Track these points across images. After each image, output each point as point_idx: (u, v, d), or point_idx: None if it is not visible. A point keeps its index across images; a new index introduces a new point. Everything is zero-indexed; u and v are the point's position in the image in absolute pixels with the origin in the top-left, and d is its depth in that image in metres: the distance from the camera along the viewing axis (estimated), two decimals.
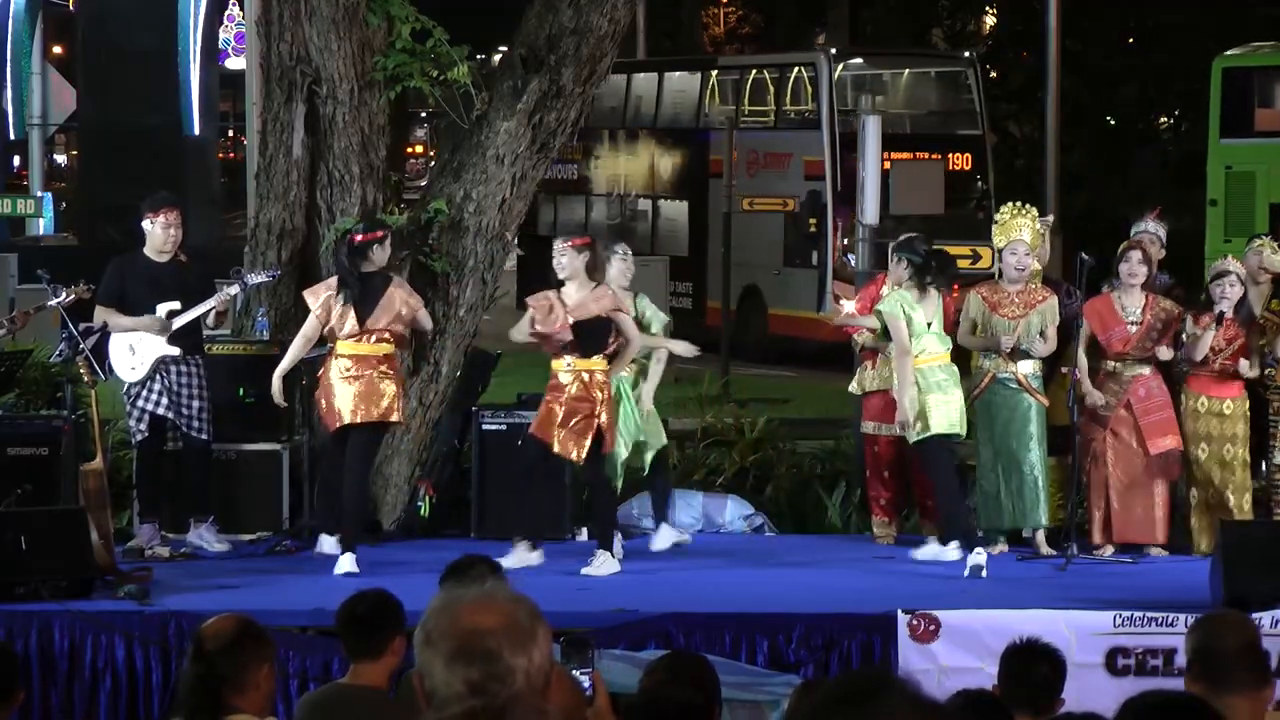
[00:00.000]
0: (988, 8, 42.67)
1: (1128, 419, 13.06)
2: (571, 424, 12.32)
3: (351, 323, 12.57)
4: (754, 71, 31.20)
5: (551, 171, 32.17)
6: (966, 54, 29.88)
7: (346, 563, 12.21)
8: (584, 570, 12.24)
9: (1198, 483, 13.18)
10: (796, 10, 48.85)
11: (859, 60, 29.44)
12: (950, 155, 27.74)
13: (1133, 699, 4.42)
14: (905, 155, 27.32)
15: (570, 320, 12.34)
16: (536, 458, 12.53)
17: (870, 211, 21.07)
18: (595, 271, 12.63)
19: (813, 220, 27.05)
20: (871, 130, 21.33)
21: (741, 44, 53.35)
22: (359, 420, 12.58)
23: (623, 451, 12.94)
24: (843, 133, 26.69)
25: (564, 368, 12.40)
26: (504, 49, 16.40)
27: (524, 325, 12.73)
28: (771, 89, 30.07)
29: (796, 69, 29.52)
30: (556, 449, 12.36)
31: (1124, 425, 13.07)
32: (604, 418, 12.36)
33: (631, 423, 12.98)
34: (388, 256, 12.94)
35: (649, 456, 13.24)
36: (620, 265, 13.19)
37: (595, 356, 12.42)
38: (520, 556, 12.18)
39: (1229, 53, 31.80)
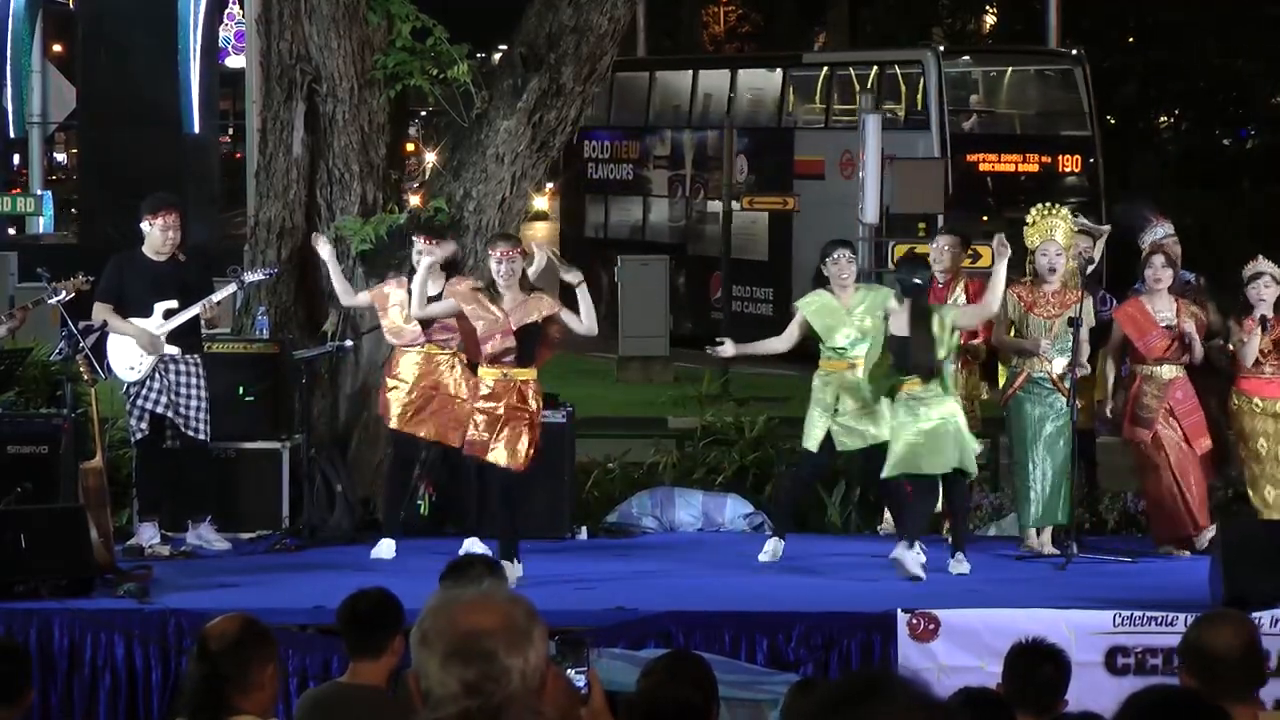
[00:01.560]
0: (988, 7, 42.67)
1: (1170, 421, 13.11)
2: (508, 431, 12.07)
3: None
4: (848, 69, 29.86)
5: (602, 172, 31.98)
6: (1075, 52, 28.34)
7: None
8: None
9: (1266, 481, 13.13)
10: (796, 9, 48.89)
11: (966, 58, 28.52)
12: (1059, 157, 27.05)
13: (1135, 694, 4.41)
14: (1014, 156, 26.79)
15: (514, 327, 12.15)
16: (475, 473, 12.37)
17: (871, 211, 21.09)
18: (526, 278, 12.46)
19: (922, 224, 25.34)
20: (871, 129, 21.37)
21: (741, 43, 53.37)
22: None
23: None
24: (953, 133, 26.21)
25: (498, 376, 12.16)
26: (504, 47, 16.38)
27: (437, 309, 12.52)
28: (871, 87, 28.48)
29: (890, 67, 28.57)
30: (492, 458, 12.07)
31: (1170, 427, 13.11)
32: (535, 430, 12.18)
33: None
34: None
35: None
36: (835, 267, 12.94)
37: (530, 366, 12.23)
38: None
39: None
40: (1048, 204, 13.68)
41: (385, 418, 13.03)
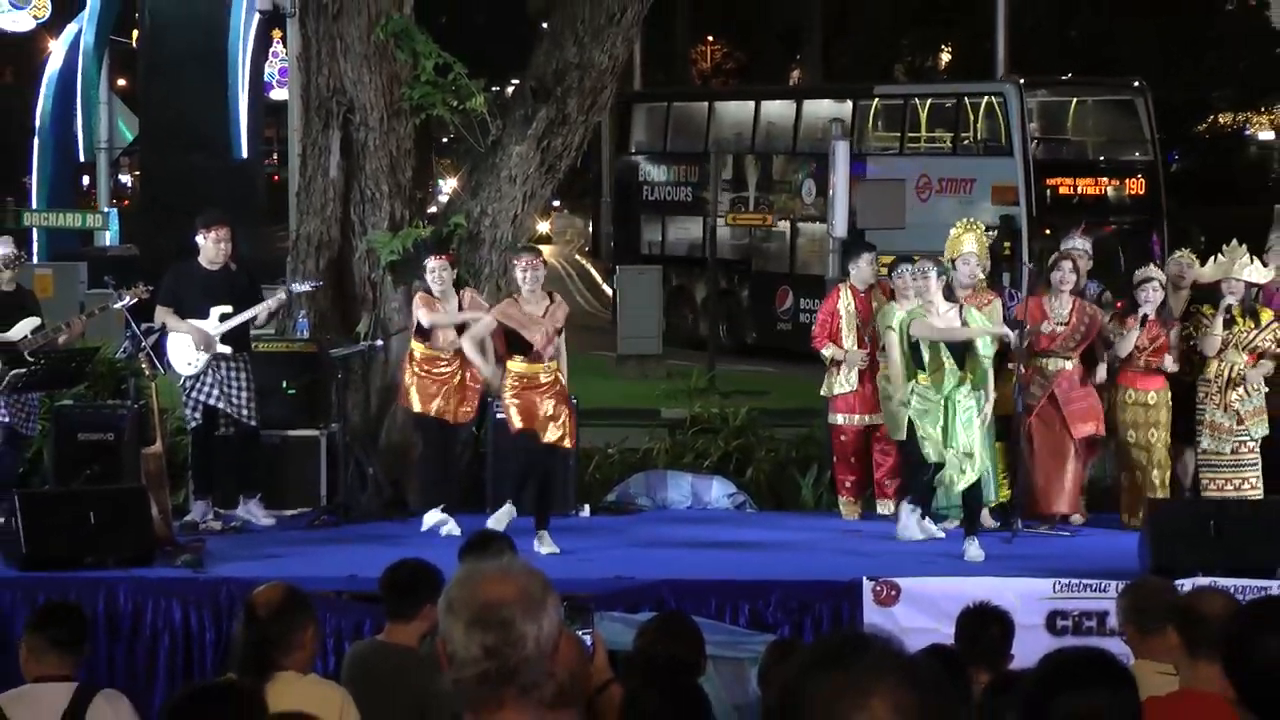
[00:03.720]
0: (943, 46, 42.66)
1: (1050, 408, 13.11)
2: (562, 417, 12.18)
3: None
4: (927, 100, 28.81)
5: (660, 193, 31.31)
6: (1137, 83, 27.40)
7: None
8: (540, 550, 11.84)
9: (1126, 465, 13.24)
10: (775, 47, 48.88)
11: (1044, 90, 27.34)
12: (1127, 181, 26.32)
13: (1049, 654, 4.41)
14: (1087, 180, 26.05)
15: (557, 326, 12.23)
16: (539, 454, 12.29)
17: (840, 226, 21.07)
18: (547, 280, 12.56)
19: (1007, 244, 24.59)
20: (840, 154, 21.31)
21: (726, 77, 53.37)
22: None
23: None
24: (1037, 160, 25.46)
25: (542, 369, 12.22)
26: (516, 81, 16.39)
27: (479, 330, 12.40)
28: (950, 116, 27.79)
29: (969, 98, 27.47)
30: (551, 439, 12.15)
31: (1048, 413, 13.11)
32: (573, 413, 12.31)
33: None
34: None
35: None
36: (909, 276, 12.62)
37: (554, 360, 12.31)
38: (501, 516, 11.98)
39: None
40: (966, 220, 13.73)
41: (407, 404, 12.98)
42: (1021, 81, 25.88)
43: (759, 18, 48.72)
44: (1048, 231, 24.22)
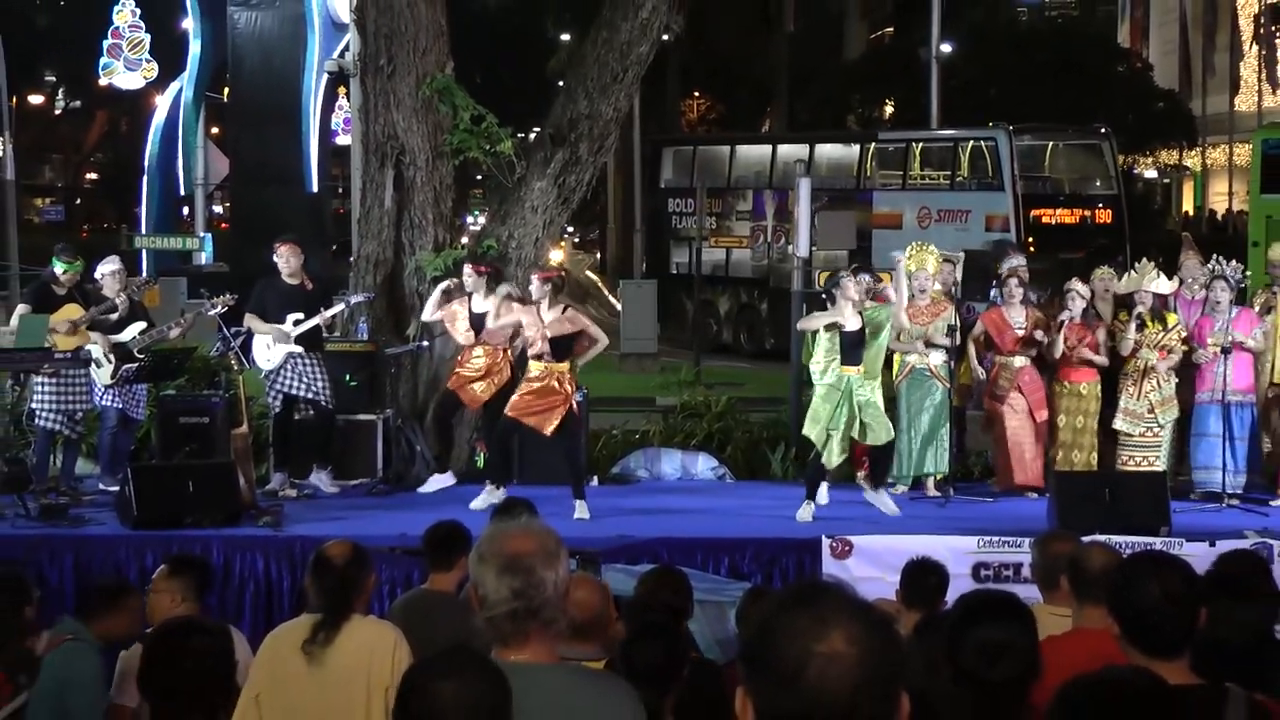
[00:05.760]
0: (887, 100, 42.69)
1: (1019, 398, 13.13)
2: (543, 408, 12.08)
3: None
4: (925, 144, 28.03)
5: (686, 223, 30.81)
6: (1103, 130, 26.94)
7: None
8: (575, 516, 11.85)
9: (1061, 445, 13.23)
10: (749, 101, 48.93)
11: (1028, 135, 26.65)
12: (1096, 210, 25.88)
13: (964, 595, 4.41)
14: (1065, 211, 25.69)
15: (549, 335, 12.14)
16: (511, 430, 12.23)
17: (803, 247, 20.99)
18: (559, 295, 12.38)
19: (998, 262, 24.37)
20: (804, 189, 21.17)
21: (709, 125, 53.33)
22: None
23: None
24: (1024, 193, 25.06)
25: (541, 368, 12.15)
26: (537, 129, 16.38)
27: (506, 320, 12.40)
28: (947, 157, 27.21)
29: (964, 142, 26.88)
30: (533, 424, 12.06)
31: (1017, 401, 13.13)
32: (572, 405, 12.16)
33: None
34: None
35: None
36: (852, 284, 12.15)
37: (563, 361, 12.20)
38: (486, 497, 11.87)
39: (1265, 125, 31.01)
40: (919, 243, 13.76)
41: (458, 392, 12.95)
42: (1010, 128, 25.64)
43: (736, 76, 48.90)
44: (1033, 251, 24.26)
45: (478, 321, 12.76)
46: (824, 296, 12.23)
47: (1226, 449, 12.74)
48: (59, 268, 12.86)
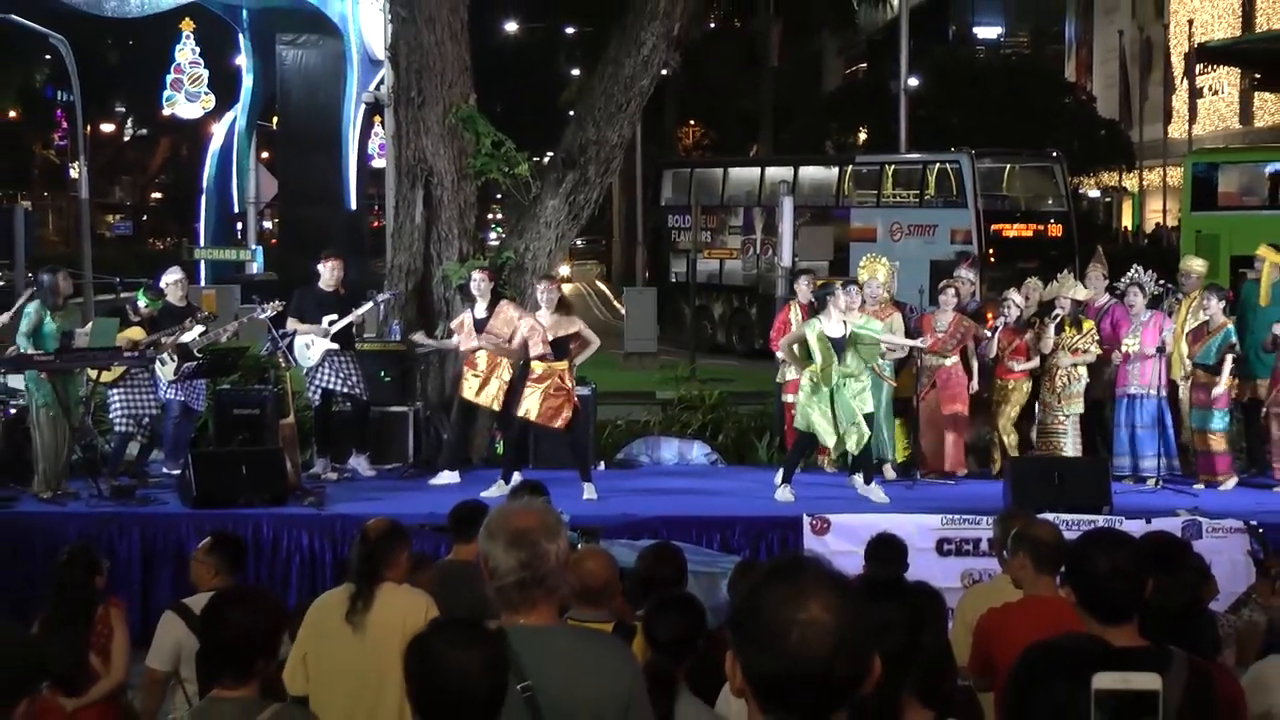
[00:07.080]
0: (860, 128, 42.68)
1: (933, 393, 13.11)
2: (551, 404, 11.98)
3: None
4: (897, 166, 28.01)
5: (684, 237, 30.62)
6: (1055, 154, 26.78)
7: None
8: (584, 497, 11.80)
9: (996, 431, 13.24)
10: (739, 128, 48.92)
11: (988, 159, 26.53)
12: (1048, 225, 25.75)
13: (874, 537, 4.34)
14: (1022, 226, 25.60)
15: (550, 338, 12.09)
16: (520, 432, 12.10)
17: (786, 258, 20.94)
18: (563, 302, 12.34)
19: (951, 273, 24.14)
20: (787, 207, 21.18)
21: (703, 151, 53.32)
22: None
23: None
24: (984, 210, 25.02)
25: (544, 367, 12.08)
26: (550, 153, 16.36)
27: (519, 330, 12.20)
28: (916, 178, 27.07)
29: (931, 164, 26.80)
30: (540, 420, 11.93)
31: (931, 397, 13.11)
32: (576, 401, 12.09)
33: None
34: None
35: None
36: (843, 295, 12.04)
37: (564, 360, 12.14)
38: (497, 489, 11.59)
39: (1194, 151, 31.07)
40: (872, 255, 13.82)
41: (461, 393, 12.85)
42: (973, 153, 25.64)
43: (727, 107, 48.93)
44: (993, 261, 24.11)
45: (480, 325, 12.72)
46: (816, 303, 12.31)
47: (1154, 436, 12.71)
48: (142, 301, 12.88)
